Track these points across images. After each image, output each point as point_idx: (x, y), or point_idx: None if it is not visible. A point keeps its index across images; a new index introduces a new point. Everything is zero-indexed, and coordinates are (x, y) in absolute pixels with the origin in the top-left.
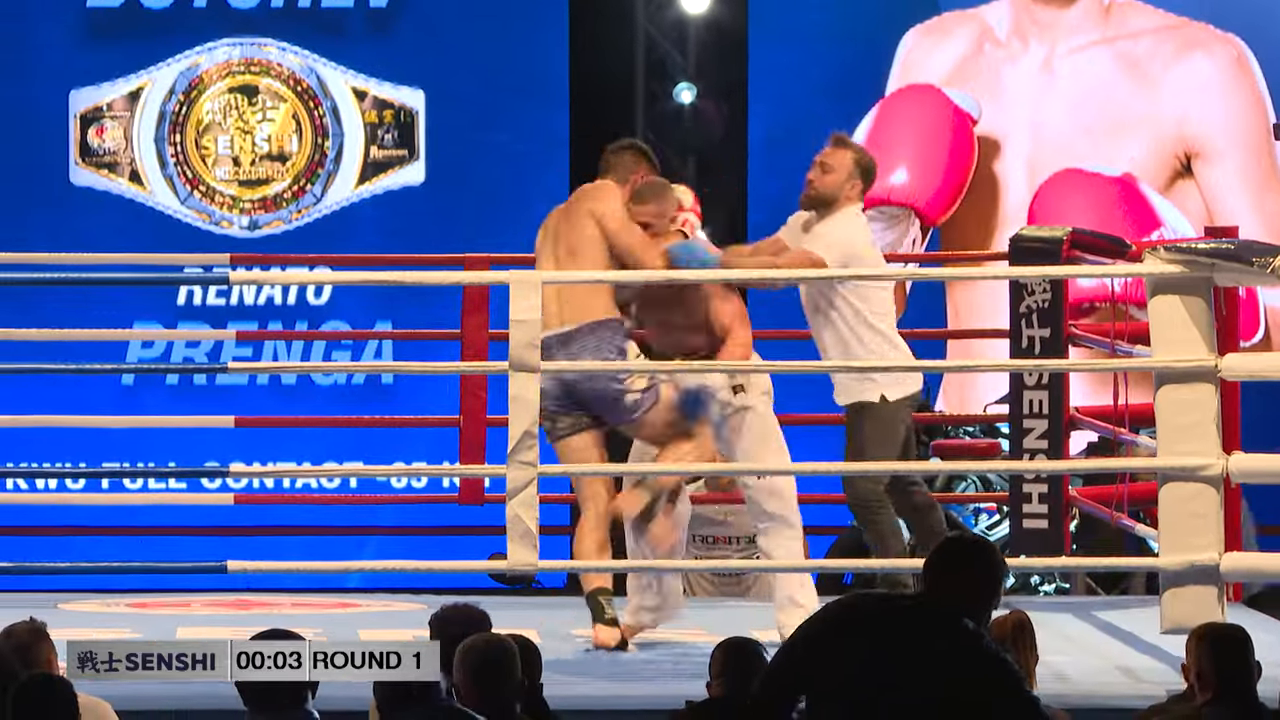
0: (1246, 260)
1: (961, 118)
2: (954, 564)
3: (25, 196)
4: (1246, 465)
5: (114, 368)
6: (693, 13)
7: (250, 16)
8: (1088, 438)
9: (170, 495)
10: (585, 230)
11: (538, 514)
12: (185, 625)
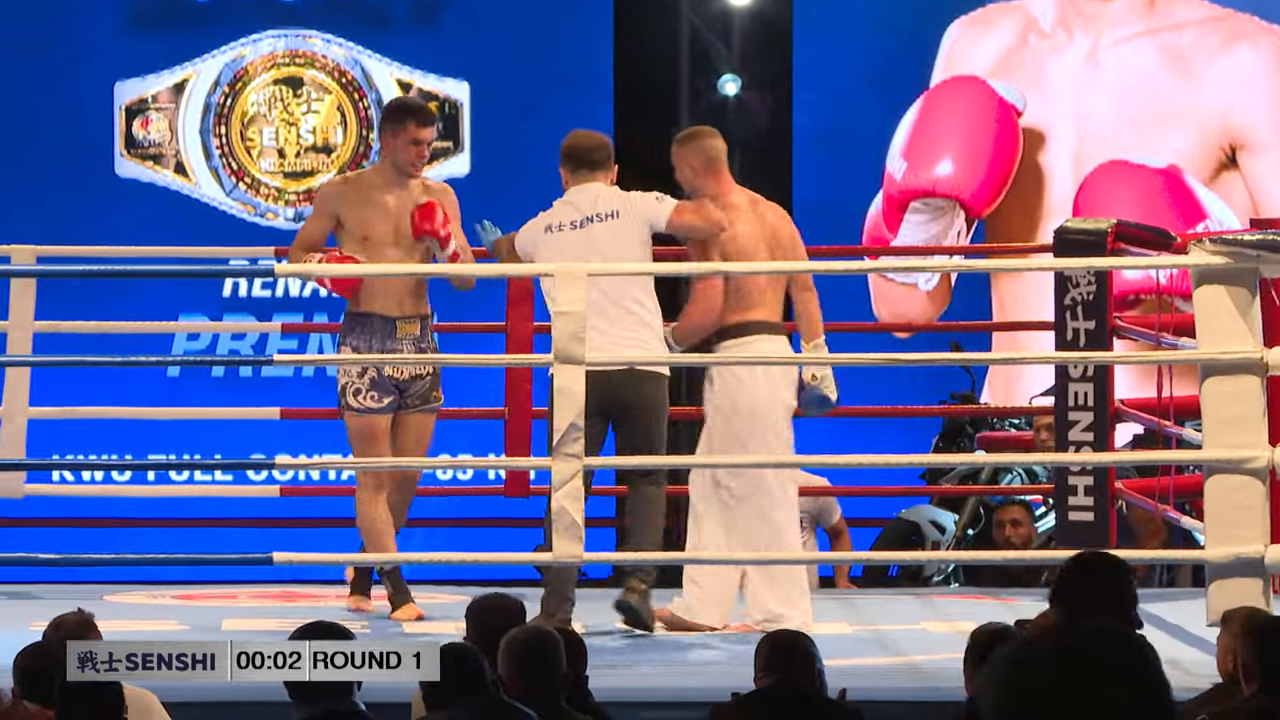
0: None
1: (1006, 109)
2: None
3: (70, 189)
4: None
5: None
6: (737, 4)
7: (295, 8)
8: (1133, 430)
9: (216, 487)
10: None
11: (583, 506)
12: (231, 617)
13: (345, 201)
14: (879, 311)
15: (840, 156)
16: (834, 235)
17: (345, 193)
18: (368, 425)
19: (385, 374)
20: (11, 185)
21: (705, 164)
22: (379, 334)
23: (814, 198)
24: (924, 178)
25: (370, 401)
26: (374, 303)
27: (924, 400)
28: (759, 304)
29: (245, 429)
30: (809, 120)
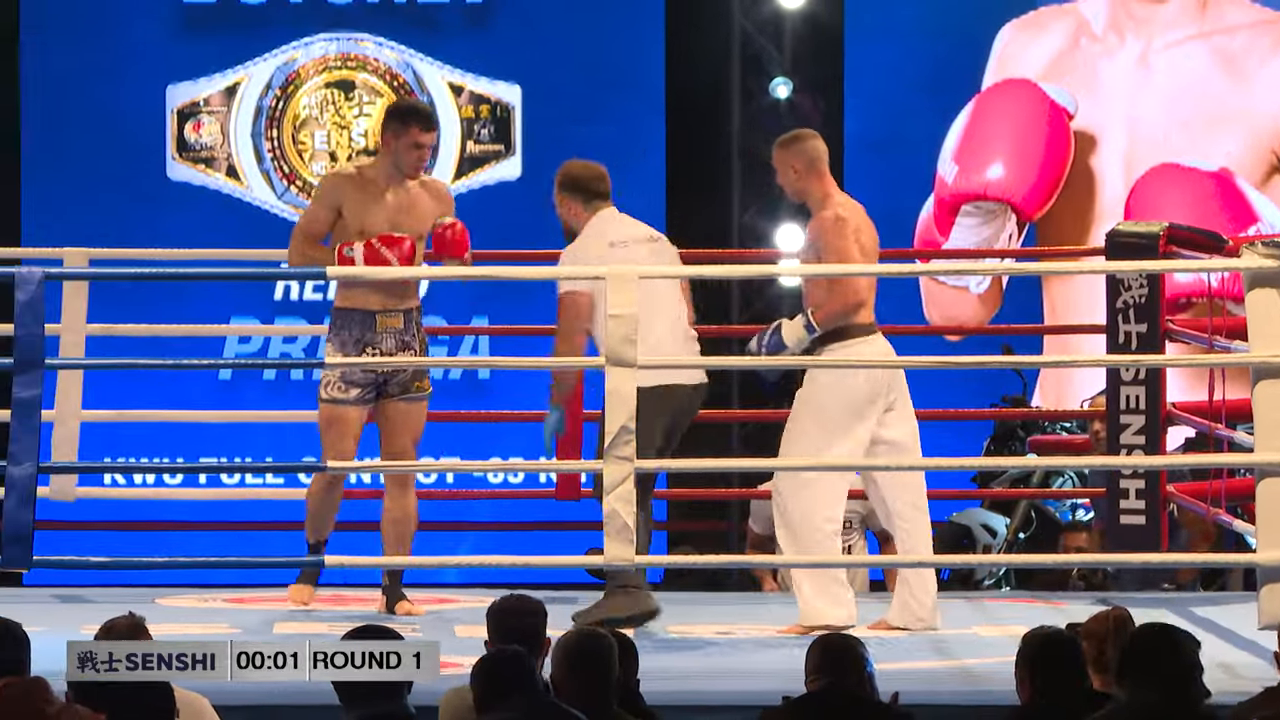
0: None
1: (1058, 112)
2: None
3: (122, 192)
4: None
5: (211, 363)
6: (789, 8)
7: (346, 11)
8: (1185, 433)
9: (268, 490)
10: None
11: (634, 509)
12: (282, 620)
13: (347, 193)
14: (930, 315)
15: (892, 160)
16: (886, 239)
17: (348, 184)
18: (332, 414)
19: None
20: (64, 188)
21: (807, 166)
22: (359, 328)
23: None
24: (975, 181)
25: (337, 392)
26: (356, 299)
27: (975, 403)
28: (865, 307)
29: (297, 432)
30: (860, 124)
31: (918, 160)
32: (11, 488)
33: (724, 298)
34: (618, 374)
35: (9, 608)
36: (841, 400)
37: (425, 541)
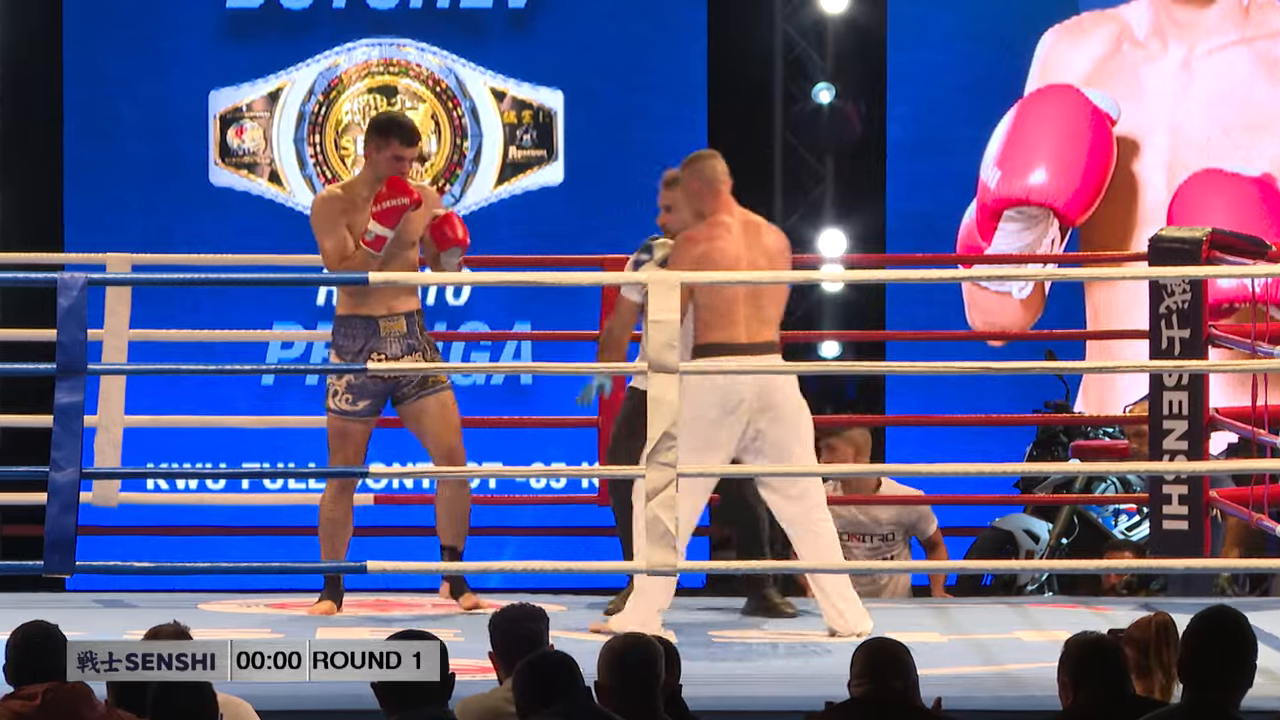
0: None
1: (1100, 118)
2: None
3: (165, 197)
4: None
5: (253, 369)
6: (831, 12)
7: (389, 17)
8: (1228, 439)
9: (310, 495)
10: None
11: (677, 514)
12: (325, 626)
13: (342, 210)
14: (973, 320)
15: (934, 165)
16: (928, 244)
17: (339, 204)
18: (339, 427)
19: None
20: (107, 194)
21: (703, 185)
22: (362, 335)
23: (908, 207)
24: (1018, 186)
25: (344, 404)
26: (358, 306)
27: (1018, 408)
28: (729, 324)
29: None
30: (903, 129)
31: (960, 165)
32: (54, 494)
33: None
34: (659, 380)
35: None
36: (695, 415)
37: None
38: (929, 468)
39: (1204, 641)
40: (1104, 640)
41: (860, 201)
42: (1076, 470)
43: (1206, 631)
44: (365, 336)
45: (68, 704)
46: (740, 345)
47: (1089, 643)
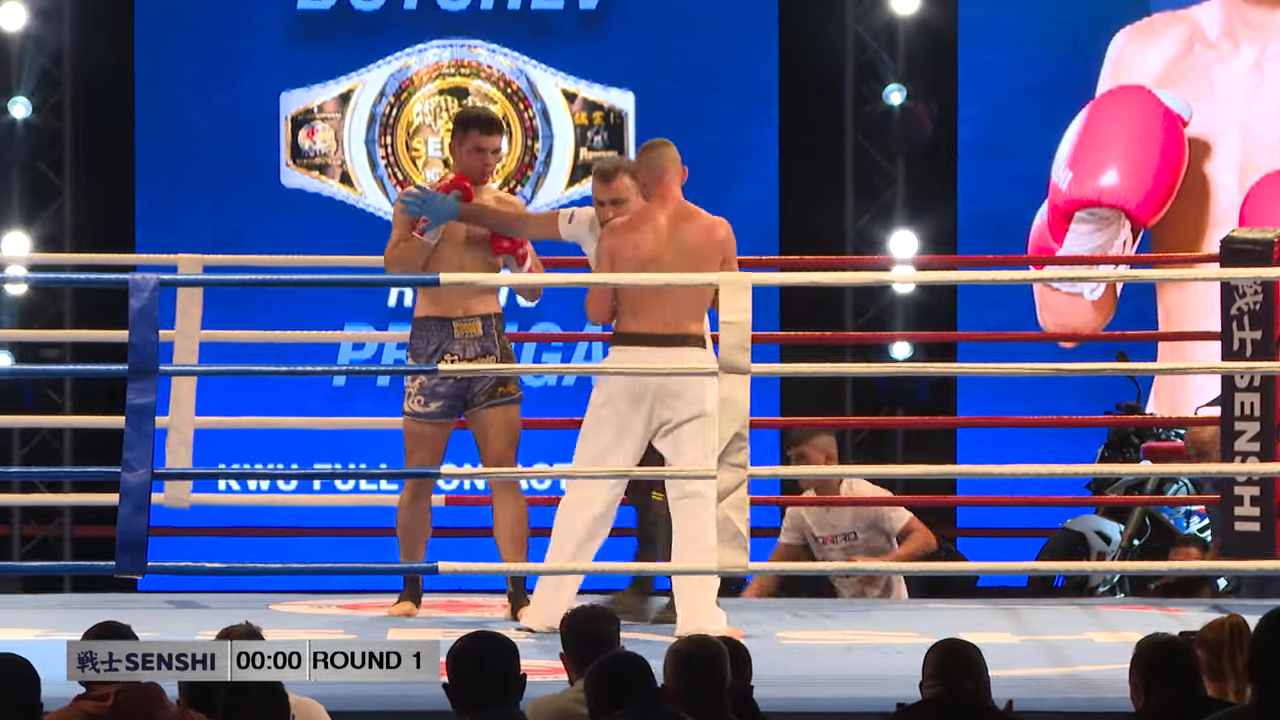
0: None
1: (1172, 119)
2: None
3: (236, 199)
4: None
5: (325, 370)
6: (902, 14)
7: (460, 18)
8: None
9: (382, 496)
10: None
11: (748, 516)
12: (396, 627)
13: None
14: (1044, 321)
15: (1005, 166)
16: (999, 245)
17: None
18: (412, 429)
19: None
20: (178, 195)
21: (649, 175)
22: (436, 336)
23: (979, 208)
24: (1089, 188)
25: (417, 406)
26: (433, 307)
27: (1089, 410)
28: (646, 315)
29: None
30: (974, 130)
31: (1031, 165)
32: (126, 495)
33: (838, 304)
34: (731, 381)
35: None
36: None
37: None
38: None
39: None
40: (1175, 642)
41: (931, 203)
42: (1148, 472)
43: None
44: (439, 338)
45: (139, 704)
46: (654, 336)
47: (1161, 644)
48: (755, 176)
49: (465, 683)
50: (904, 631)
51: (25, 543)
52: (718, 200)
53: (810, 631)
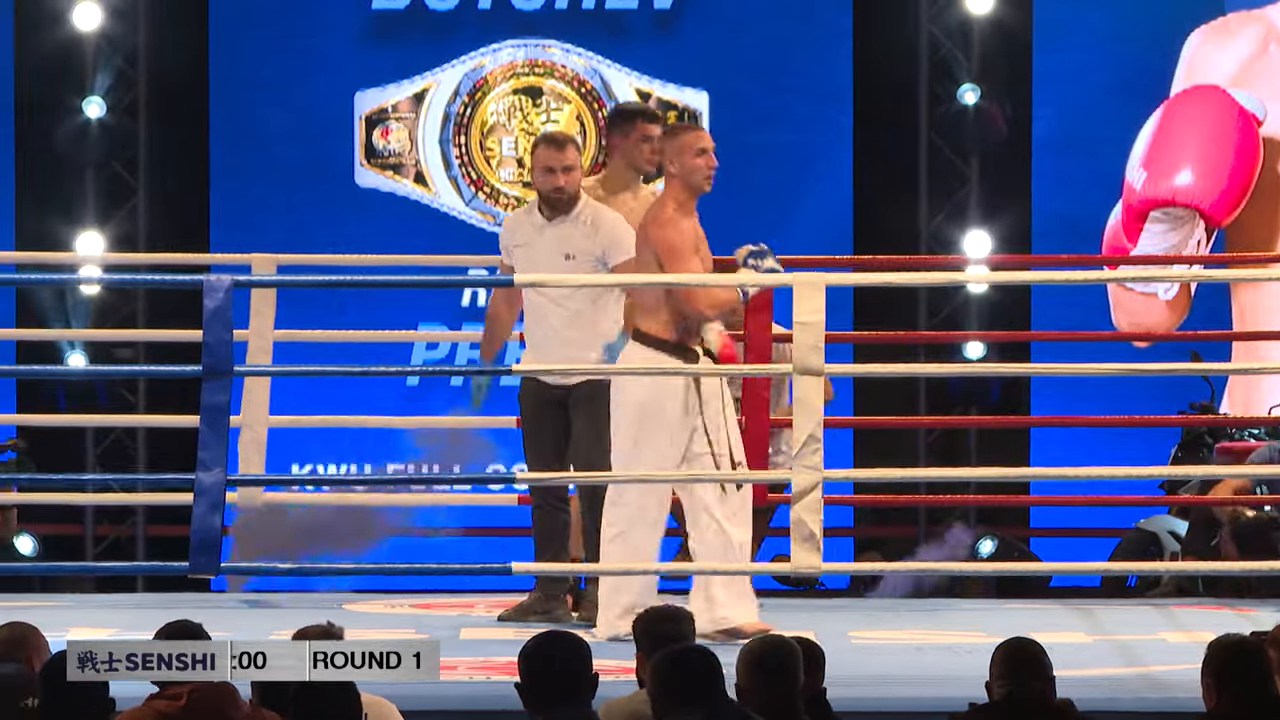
0: None
1: (1247, 119)
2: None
3: (311, 198)
4: None
5: (398, 370)
6: (976, 13)
7: (534, 18)
8: None
9: (454, 496)
10: None
11: (822, 517)
12: (468, 626)
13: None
14: (1118, 321)
15: (1079, 164)
16: (1073, 245)
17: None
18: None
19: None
20: (253, 195)
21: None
22: None
23: (1053, 208)
24: (1164, 187)
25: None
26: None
27: (1163, 409)
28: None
29: (483, 437)
30: (1048, 129)
31: (1105, 165)
32: (201, 494)
33: (911, 304)
34: (805, 383)
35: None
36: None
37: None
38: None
39: None
40: (1247, 642)
41: (1005, 202)
42: (1220, 473)
43: None
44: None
45: (213, 703)
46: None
47: (1232, 644)
48: (830, 176)
49: (537, 682)
50: (974, 631)
51: (98, 543)
52: (792, 200)
53: (882, 631)
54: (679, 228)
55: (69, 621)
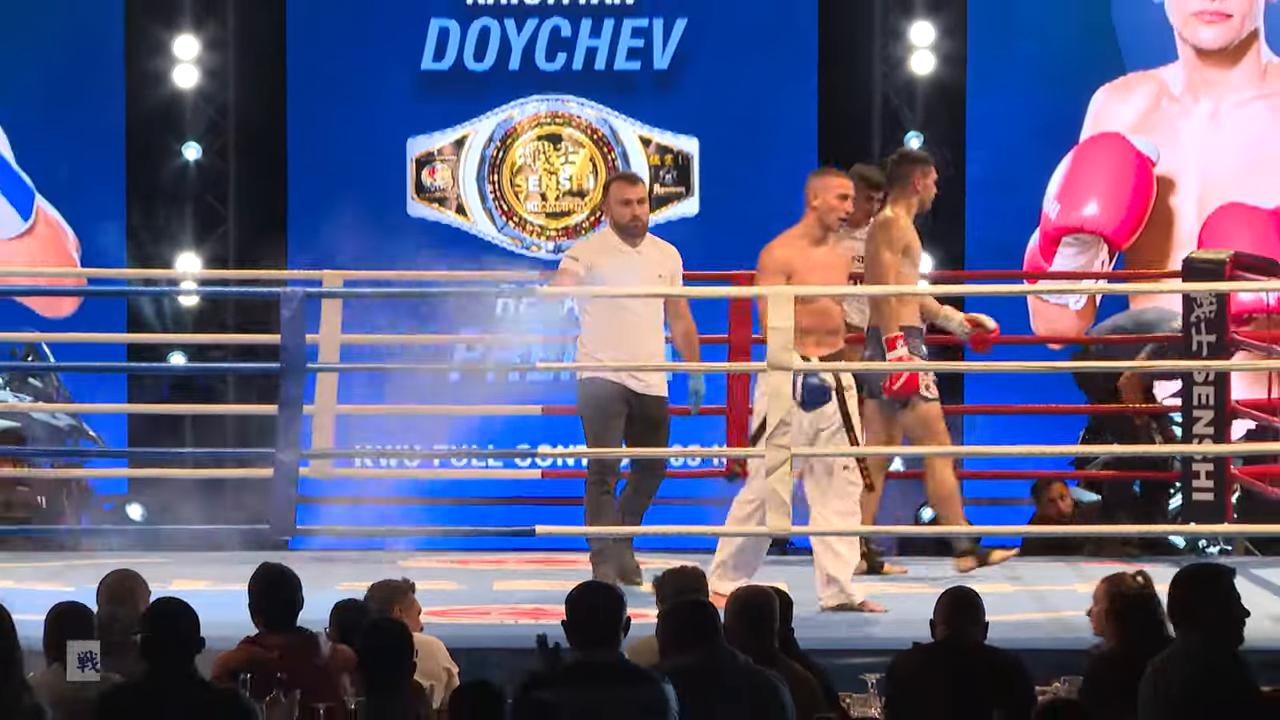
0: None
1: (1143, 161)
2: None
3: (371, 225)
4: None
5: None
6: (920, 74)
7: (555, 77)
8: (1247, 425)
9: (489, 471)
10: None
11: (791, 487)
12: (500, 579)
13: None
14: (1037, 327)
15: (1005, 199)
16: (1000, 265)
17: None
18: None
19: None
20: (323, 222)
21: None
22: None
23: (984, 234)
24: (1074, 217)
25: (928, 392)
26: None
27: (1073, 400)
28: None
29: (513, 423)
30: (980, 169)
31: (1027, 199)
32: (279, 469)
33: None
34: (777, 376)
35: None
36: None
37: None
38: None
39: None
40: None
41: (944, 229)
42: (1120, 452)
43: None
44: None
45: (302, 652)
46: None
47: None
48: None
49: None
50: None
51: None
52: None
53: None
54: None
55: (172, 575)
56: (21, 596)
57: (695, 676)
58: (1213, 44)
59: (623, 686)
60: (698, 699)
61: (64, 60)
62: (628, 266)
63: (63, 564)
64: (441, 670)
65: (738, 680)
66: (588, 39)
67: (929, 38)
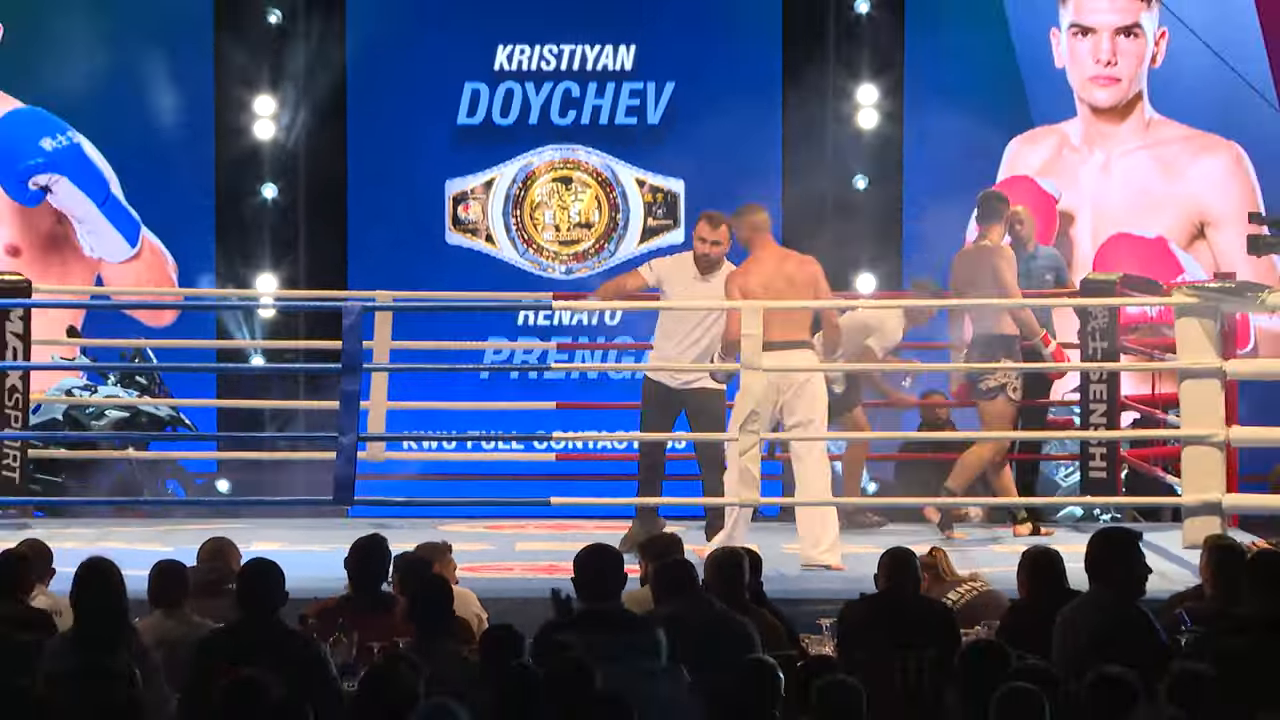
0: (1242, 295)
1: (1048, 198)
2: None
3: (415, 254)
4: (1241, 435)
5: (474, 367)
6: (865, 127)
7: (567, 130)
8: (1133, 415)
9: (512, 454)
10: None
11: (759, 466)
12: (522, 540)
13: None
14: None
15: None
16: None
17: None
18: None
19: None
20: (377, 249)
21: (750, 230)
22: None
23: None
24: None
25: (1013, 395)
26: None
27: None
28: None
29: (532, 415)
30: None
31: (954, 229)
32: (340, 451)
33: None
34: (749, 375)
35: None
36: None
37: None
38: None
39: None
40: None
41: (885, 255)
42: (1043, 437)
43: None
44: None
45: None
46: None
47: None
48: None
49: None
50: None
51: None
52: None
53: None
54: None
55: (253, 538)
56: (130, 555)
57: (681, 622)
58: (1105, 103)
59: (622, 631)
60: (684, 640)
61: (165, 115)
62: (690, 290)
63: (165, 529)
64: (474, 616)
65: (715, 625)
66: (594, 98)
67: (873, 97)
